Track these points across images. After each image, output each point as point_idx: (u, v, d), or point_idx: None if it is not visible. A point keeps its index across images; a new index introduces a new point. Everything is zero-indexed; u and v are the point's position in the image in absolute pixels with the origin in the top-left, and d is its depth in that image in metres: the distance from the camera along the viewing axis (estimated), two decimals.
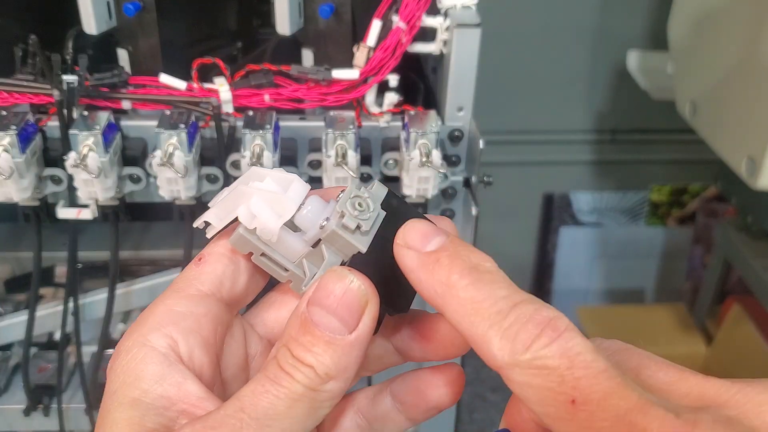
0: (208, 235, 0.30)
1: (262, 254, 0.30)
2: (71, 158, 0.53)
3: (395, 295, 0.28)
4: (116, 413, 0.26)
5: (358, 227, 0.28)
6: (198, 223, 0.30)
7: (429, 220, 0.29)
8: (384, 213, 0.29)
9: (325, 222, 0.28)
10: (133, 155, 0.58)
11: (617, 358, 0.26)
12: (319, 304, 0.26)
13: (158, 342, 0.27)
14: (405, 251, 0.27)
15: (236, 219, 0.29)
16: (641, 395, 0.22)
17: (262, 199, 0.29)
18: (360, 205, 0.28)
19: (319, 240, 0.29)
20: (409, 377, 0.32)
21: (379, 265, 0.28)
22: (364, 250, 0.28)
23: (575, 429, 0.22)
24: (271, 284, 0.33)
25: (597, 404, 0.22)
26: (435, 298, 0.26)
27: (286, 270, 0.30)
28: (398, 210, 0.30)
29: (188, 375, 0.27)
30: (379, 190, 0.30)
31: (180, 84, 0.57)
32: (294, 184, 0.30)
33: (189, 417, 0.26)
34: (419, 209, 0.60)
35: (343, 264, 0.29)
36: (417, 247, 0.27)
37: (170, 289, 0.30)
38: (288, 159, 0.59)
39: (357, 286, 0.26)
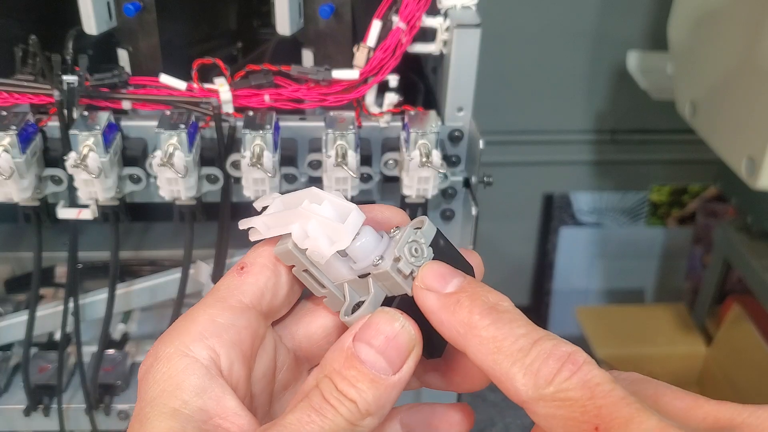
0: (252, 239, 0.31)
1: (305, 270, 0.31)
2: (71, 158, 0.53)
3: (433, 338, 0.29)
4: (156, 422, 0.26)
5: (411, 272, 0.29)
6: (244, 226, 0.31)
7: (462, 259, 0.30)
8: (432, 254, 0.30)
9: (380, 261, 0.29)
10: (133, 155, 0.58)
11: (634, 388, 0.27)
12: (368, 342, 0.27)
13: (201, 353, 0.28)
14: (425, 293, 0.28)
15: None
16: (660, 419, 0.23)
17: (320, 224, 0.29)
18: (416, 251, 0.29)
19: (367, 273, 0.30)
20: (421, 409, 0.33)
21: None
22: (411, 293, 0.29)
23: None
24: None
25: (619, 430, 0.23)
26: (457, 338, 0.27)
27: (324, 287, 0.31)
28: (444, 251, 0.31)
29: (227, 390, 0.28)
30: (429, 231, 0.31)
31: (180, 84, 0.57)
32: (352, 214, 0.30)
33: None
34: (420, 208, 0.60)
35: (386, 299, 0.30)
36: (436, 288, 0.28)
37: (212, 297, 0.30)
38: (288, 159, 0.59)
39: (408, 331, 0.28)
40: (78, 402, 0.70)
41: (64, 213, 0.58)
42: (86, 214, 0.58)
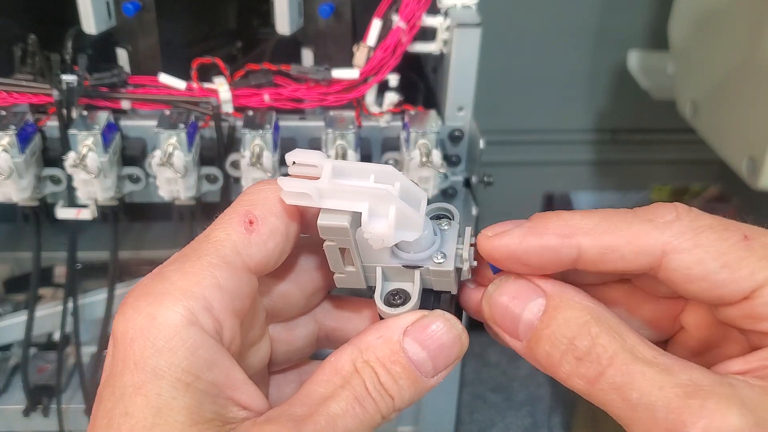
0: (286, 200, 0.27)
1: (341, 247, 0.28)
2: (70, 158, 0.53)
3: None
4: (170, 399, 0.24)
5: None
6: (291, 187, 0.27)
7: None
8: None
9: (443, 259, 0.28)
10: (132, 155, 0.58)
11: None
12: (421, 343, 0.27)
13: (206, 323, 0.25)
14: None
15: (333, 209, 0.26)
16: None
17: (399, 211, 0.26)
18: (473, 253, 0.29)
19: (415, 265, 0.28)
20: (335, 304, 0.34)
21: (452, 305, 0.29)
22: (455, 292, 0.29)
23: None
24: None
25: None
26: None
27: (350, 266, 0.28)
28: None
29: (233, 361, 0.26)
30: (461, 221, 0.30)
31: (179, 84, 0.56)
32: (423, 203, 0.28)
33: (237, 404, 0.26)
34: None
35: (424, 290, 0.29)
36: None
37: (215, 253, 0.26)
38: None
39: (462, 343, 0.27)
40: (77, 402, 0.70)
41: (63, 213, 0.58)
42: (85, 214, 0.58)
